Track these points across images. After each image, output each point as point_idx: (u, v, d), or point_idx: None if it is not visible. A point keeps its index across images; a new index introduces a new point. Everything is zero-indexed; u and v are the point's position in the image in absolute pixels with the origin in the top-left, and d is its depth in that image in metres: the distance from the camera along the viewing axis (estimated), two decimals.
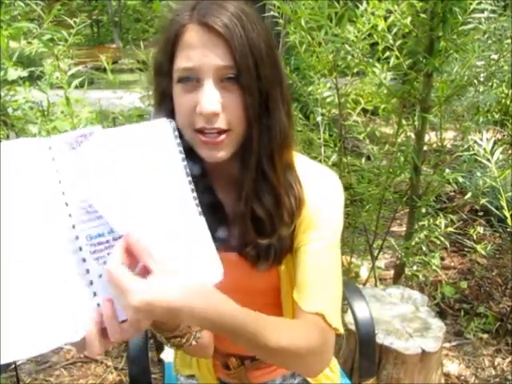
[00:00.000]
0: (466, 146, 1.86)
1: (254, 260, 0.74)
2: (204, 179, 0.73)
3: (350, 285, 1.27)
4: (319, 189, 0.77)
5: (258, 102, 0.66)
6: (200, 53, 0.63)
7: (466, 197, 2.01)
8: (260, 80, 0.65)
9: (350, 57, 1.74)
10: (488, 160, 1.65)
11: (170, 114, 0.67)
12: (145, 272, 0.53)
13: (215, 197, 0.75)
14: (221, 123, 0.65)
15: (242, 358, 0.89)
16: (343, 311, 1.62)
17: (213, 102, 0.63)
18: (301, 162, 0.78)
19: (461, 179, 1.88)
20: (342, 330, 0.74)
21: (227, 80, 0.64)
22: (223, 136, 0.66)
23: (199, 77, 0.64)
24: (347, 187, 2.03)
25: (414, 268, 2.09)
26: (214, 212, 0.72)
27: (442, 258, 2.63)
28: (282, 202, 0.72)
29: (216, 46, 0.63)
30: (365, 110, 2.22)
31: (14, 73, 1.94)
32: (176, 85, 0.66)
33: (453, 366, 1.88)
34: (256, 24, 0.66)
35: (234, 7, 0.65)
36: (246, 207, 0.71)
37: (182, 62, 0.64)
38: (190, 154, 0.68)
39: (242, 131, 0.68)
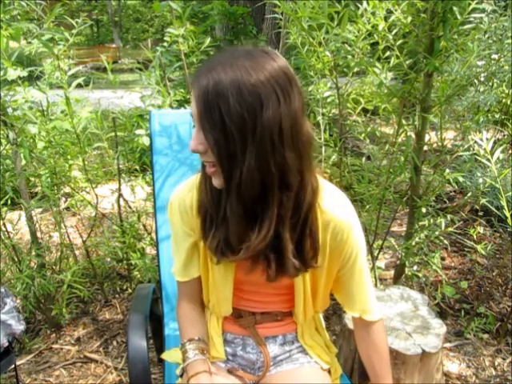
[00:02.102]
0: (466, 146, 1.86)
1: (277, 273, 0.90)
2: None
3: None
4: (349, 217, 0.92)
5: (220, 146, 0.75)
6: (192, 103, 0.78)
7: (466, 197, 2.00)
8: (224, 128, 0.73)
9: (350, 56, 1.74)
10: (488, 160, 1.65)
11: None
12: None
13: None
14: (207, 158, 0.79)
15: (254, 313, 1.06)
16: (343, 311, 1.62)
17: (193, 142, 0.79)
18: (327, 189, 0.91)
19: (461, 179, 1.87)
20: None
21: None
22: (214, 168, 0.80)
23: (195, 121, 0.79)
24: (347, 187, 2.03)
25: (415, 268, 2.09)
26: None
27: (443, 258, 2.63)
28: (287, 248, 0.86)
29: (193, 98, 0.77)
30: (365, 110, 2.22)
31: (13, 73, 1.93)
32: None
33: (453, 366, 1.88)
34: (237, 79, 0.73)
35: (221, 68, 0.74)
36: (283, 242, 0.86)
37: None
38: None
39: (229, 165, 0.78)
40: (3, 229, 1.94)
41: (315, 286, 0.99)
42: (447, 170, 1.86)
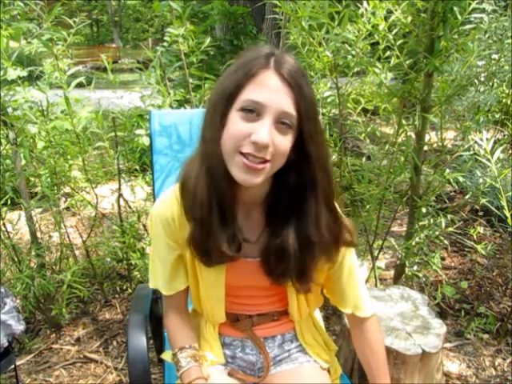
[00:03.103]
0: (466, 146, 1.86)
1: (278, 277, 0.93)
2: (227, 201, 0.85)
3: None
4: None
5: (310, 147, 0.80)
6: (270, 94, 0.76)
7: (466, 197, 2.00)
8: (314, 130, 0.80)
9: (350, 56, 1.73)
10: (488, 160, 1.65)
11: (218, 132, 0.80)
12: None
13: (236, 220, 0.89)
14: (267, 154, 0.77)
15: (250, 316, 1.06)
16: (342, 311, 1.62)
17: (268, 136, 0.76)
18: None
19: (461, 179, 1.87)
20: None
21: (282, 123, 0.78)
22: (264, 164, 0.78)
23: (262, 112, 0.76)
24: (347, 187, 2.03)
25: (415, 268, 2.09)
26: (232, 230, 0.88)
27: (443, 258, 2.63)
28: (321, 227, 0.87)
29: (287, 94, 0.77)
30: (365, 110, 2.21)
31: (13, 72, 1.93)
32: (236, 111, 0.78)
33: (453, 366, 1.88)
34: (311, 86, 0.81)
35: (298, 65, 0.80)
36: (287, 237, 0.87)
37: (251, 95, 0.77)
38: (218, 176, 0.82)
39: (280, 165, 0.81)
40: (3, 229, 1.94)
41: None
42: (447, 170, 1.86)
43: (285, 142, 0.78)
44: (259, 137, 0.75)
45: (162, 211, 0.95)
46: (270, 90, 0.76)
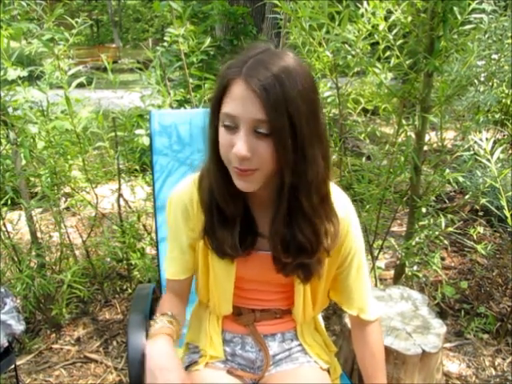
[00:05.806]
0: (466, 146, 1.86)
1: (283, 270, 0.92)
2: (242, 198, 0.88)
3: None
4: (348, 216, 0.95)
5: (290, 151, 0.76)
6: (240, 104, 0.75)
7: (466, 197, 2.00)
8: (294, 133, 0.75)
9: (350, 56, 1.74)
10: (488, 160, 1.65)
11: (215, 143, 0.81)
12: None
13: (249, 212, 0.92)
14: (250, 165, 0.77)
15: (253, 310, 1.06)
16: (343, 311, 1.62)
17: (244, 148, 0.75)
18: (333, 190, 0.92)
19: (461, 179, 1.87)
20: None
21: (259, 131, 0.76)
22: (253, 171, 0.78)
23: (238, 124, 0.76)
24: (347, 187, 2.03)
25: (415, 268, 2.09)
26: (247, 224, 0.91)
27: (443, 258, 2.63)
28: (319, 232, 0.86)
29: (253, 102, 0.74)
30: (365, 110, 2.22)
31: (13, 73, 1.93)
32: (221, 126, 0.79)
33: (453, 366, 1.88)
34: (298, 82, 0.75)
35: (278, 68, 0.74)
36: (279, 230, 0.86)
37: (226, 108, 0.77)
38: (216, 179, 0.85)
39: (271, 170, 0.79)
40: (3, 229, 1.94)
41: (315, 286, 0.99)
42: (447, 170, 1.86)
43: (267, 149, 0.76)
44: (237, 150, 0.75)
45: (181, 196, 0.97)
46: (239, 101, 0.75)
